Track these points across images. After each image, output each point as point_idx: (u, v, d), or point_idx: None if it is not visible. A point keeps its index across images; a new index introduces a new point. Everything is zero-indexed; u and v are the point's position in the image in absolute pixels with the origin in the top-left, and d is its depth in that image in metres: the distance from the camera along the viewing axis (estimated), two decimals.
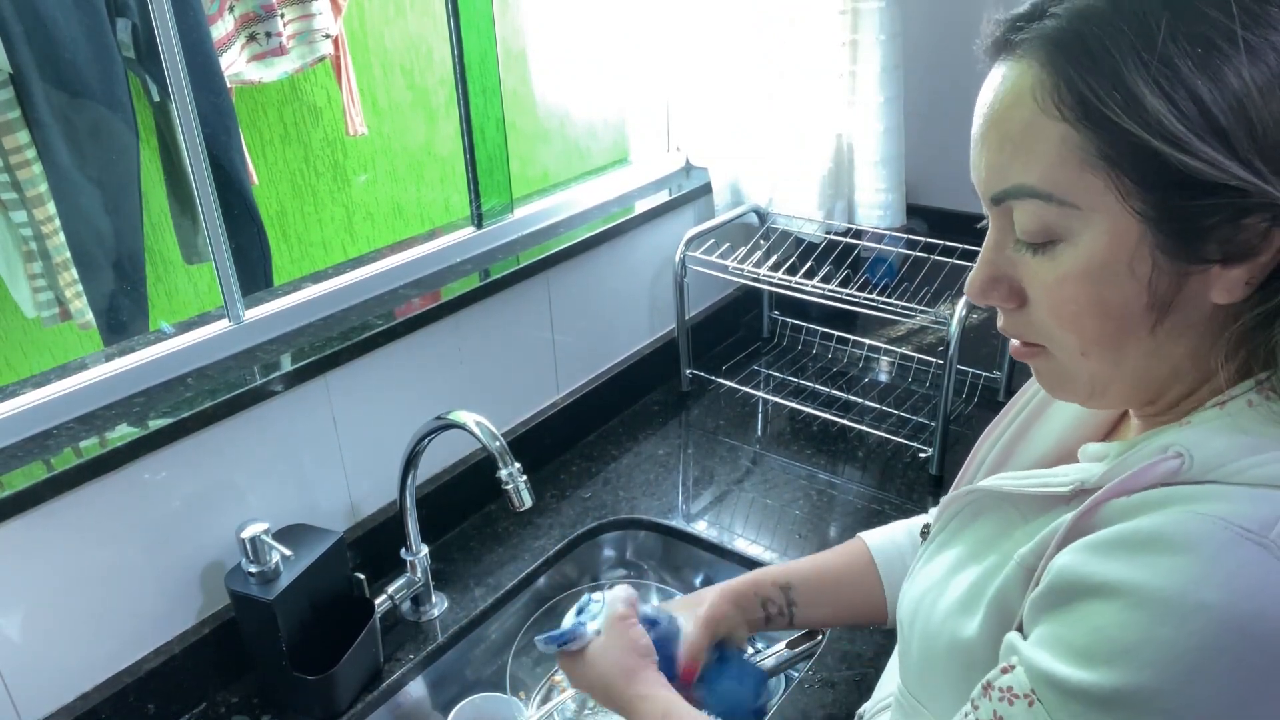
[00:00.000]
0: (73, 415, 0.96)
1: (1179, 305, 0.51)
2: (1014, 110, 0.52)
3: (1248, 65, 0.45)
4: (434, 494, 1.25)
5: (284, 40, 1.64)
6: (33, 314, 1.50)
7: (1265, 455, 0.48)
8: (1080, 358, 0.55)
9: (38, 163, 1.36)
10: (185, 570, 1.02)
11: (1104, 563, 0.48)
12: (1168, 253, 0.49)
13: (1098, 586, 0.48)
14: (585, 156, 2.25)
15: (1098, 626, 0.47)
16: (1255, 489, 0.47)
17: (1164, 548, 0.46)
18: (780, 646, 1.11)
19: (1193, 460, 0.49)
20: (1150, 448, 0.52)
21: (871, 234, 1.64)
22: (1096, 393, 0.57)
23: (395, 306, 1.20)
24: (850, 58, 1.49)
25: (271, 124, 1.85)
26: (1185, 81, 0.46)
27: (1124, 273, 0.50)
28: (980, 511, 0.66)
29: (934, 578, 0.67)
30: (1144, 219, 0.49)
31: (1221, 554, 0.44)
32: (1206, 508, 0.46)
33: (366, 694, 1.05)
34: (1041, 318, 0.55)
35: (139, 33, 1.43)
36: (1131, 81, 0.47)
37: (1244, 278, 0.49)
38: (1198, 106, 0.46)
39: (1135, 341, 0.53)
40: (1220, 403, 0.51)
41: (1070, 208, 0.51)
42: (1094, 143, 0.49)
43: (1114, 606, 0.46)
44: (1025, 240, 0.54)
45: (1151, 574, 0.45)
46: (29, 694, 0.91)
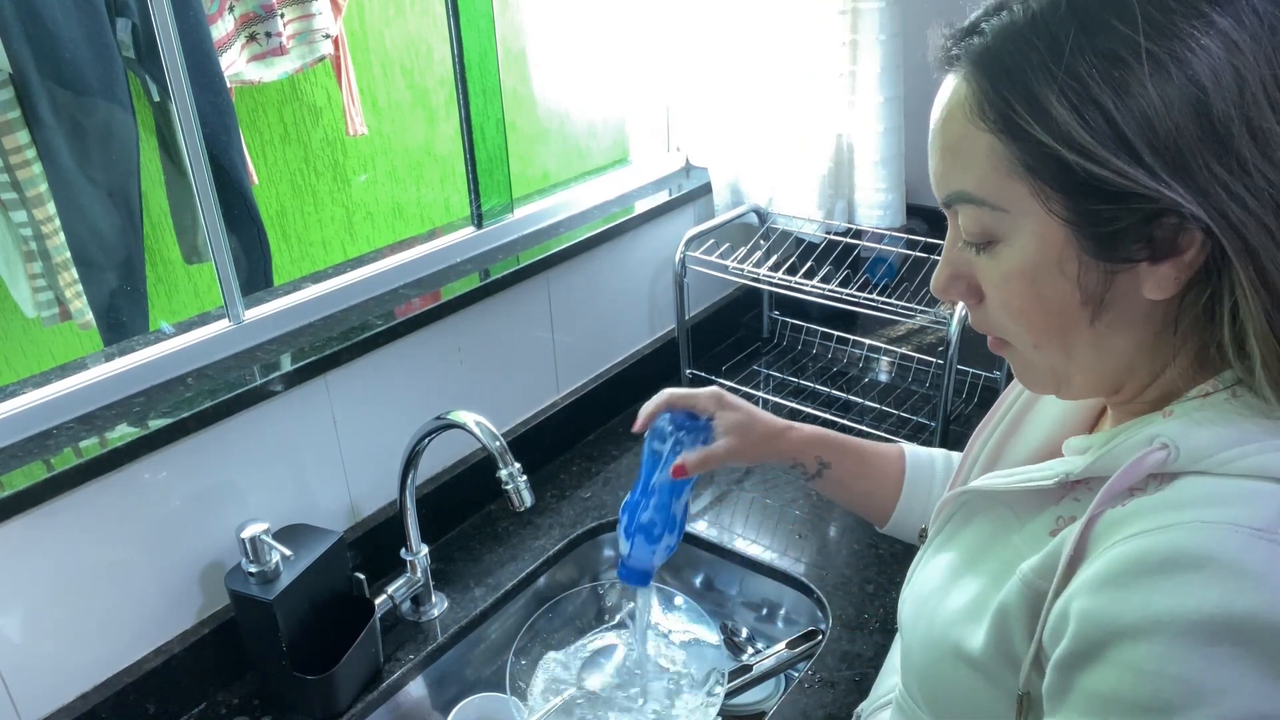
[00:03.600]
0: (73, 415, 0.96)
1: (1112, 301, 0.53)
2: (950, 121, 0.55)
3: (1151, 76, 0.47)
4: (434, 494, 1.25)
5: (284, 40, 1.64)
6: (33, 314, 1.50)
7: (1250, 446, 0.49)
8: (1035, 350, 0.58)
9: (38, 163, 1.36)
10: (185, 570, 1.02)
11: (1126, 599, 0.47)
12: (1091, 253, 0.51)
13: (1130, 627, 0.46)
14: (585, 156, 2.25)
15: (1151, 672, 0.45)
16: (1244, 481, 0.48)
17: (1182, 567, 0.45)
18: (780, 647, 1.11)
19: (1179, 451, 0.50)
20: (1135, 440, 0.53)
21: (871, 234, 1.64)
22: (1061, 384, 0.60)
23: (395, 306, 1.20)
24: (850, 58, 1.48)
25: (271, 124, 1.85)
26: (1092, 94, 0.48)
27: (1055, 271, 0.53)
28: (974, 512, 0.67)
29: (934, 582, 0.67)
30: (1066, 222, 0.51)
31: (1243, 559, 0.44)
32: (1206, 514, 0.47)
33: (366, 694, 1.05)
34: (996, 313, 0.58)
35: (139, 33, 1.43)
36: (1042, 95, 0.49)
37: (1173, 274, 0.50)
38: (1104, 117, 0.48)
39: (1078, 335, 0.55)
40: (1204, 394, 0.53)
41: (1002, 211, 0.54)
42: (1015, 152, 0.51)
43: (1158, 644, 0.45)
44: (969, 241, 0.57)
45: (1181, 598, 0.45)
46: (29, 694, 0.91)
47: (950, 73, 0.55)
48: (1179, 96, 0.47)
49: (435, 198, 2.19)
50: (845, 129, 1.55)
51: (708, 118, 1.65)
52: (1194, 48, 0.46)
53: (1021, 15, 0.51)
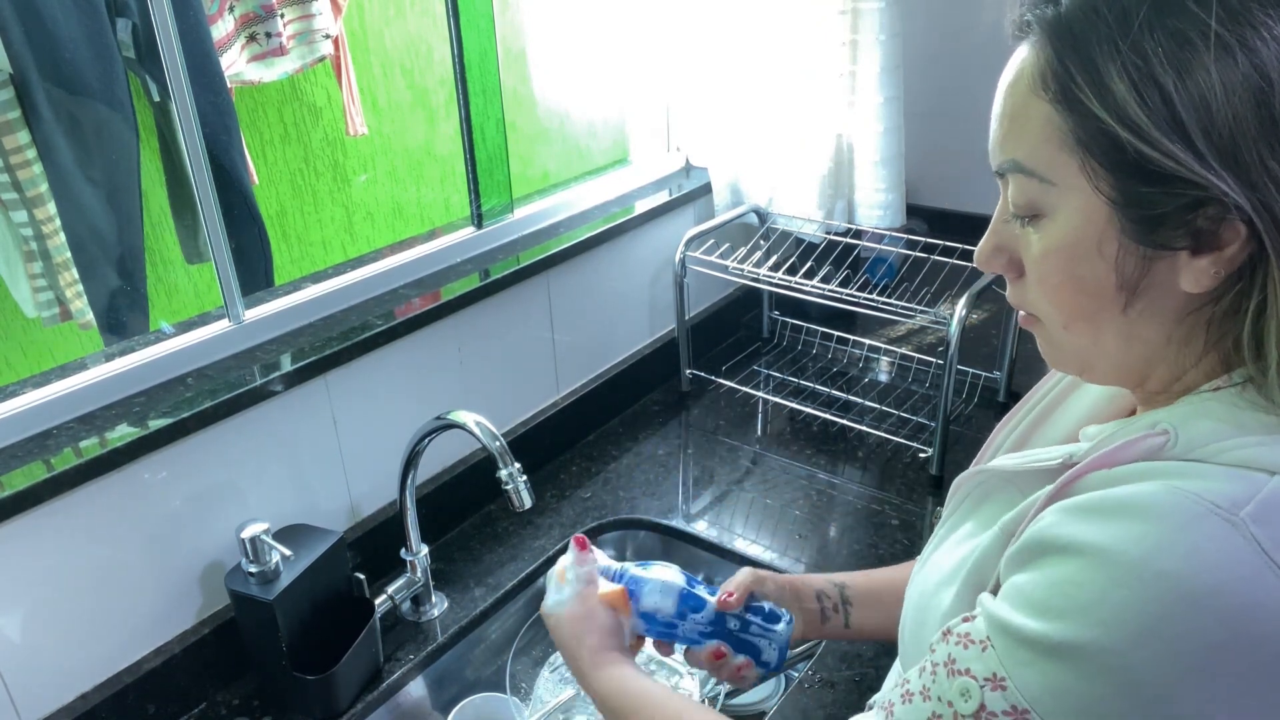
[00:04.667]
0: (73, 415, 0.96)
1: (1147, 289, 0.52)
2: (1015, 88, 0.54)
3: (1217, 62, 0.46)
4: (434, 494, 1.25)
5: (284, 40, 1.64)
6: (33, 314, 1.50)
7: (1248, 438, 0.49)
8: (1064, 331, 0.58)
9: (38, 163, 1.36)
10: (185, 570, 1.02)
11: (1074, 524, 0.49)
12: (1131, 236, 0.51)
13: (1065, 545, 0.49)
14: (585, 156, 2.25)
15: (1057, 581, 0.48)
16: (1233, 469, 0.48)
17: (1134, 514, 0.47)
18: None
19: (1177, 438, 0.51)
20: (1139, 424, 0.54)
21: (871, 234, 1.64)
22: (1085, 367, 0.60)
23: (395, 306, 1.20)
24: (850, 58, 1.49)
25: (271, 124, 1.85)
26: (1154, 73, 0.47)
27: (1094, 251, 0.53)
28: (988, 493, 0.67)
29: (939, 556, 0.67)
30: (1111, 202, 0.51)
31: (1188, 526, 0.45)
32: (1182, 482, 0.47)
33: (366, 694, 1.05)
34: (1034, 289, 0.58)
35: (139, 33, 1.43)
36: (1104, 69, 0.49)
37: (1210, 268, 0.50)
38: (1162, 98, 0.47)
39: (1109, 320, 0.55)
40: (1215, 388, 0.53)
41: (1049, 185, 0.53)
42: (1070, 124, 0.51)
43: (1076, 564, 0.48)
44: (1015, 213, 0.57)
45: (1117, 538, 0.47)
46: (29, 694, 0.91)
47: (1022, 41, 0.55)
48: (1242, 85, 0.46)
49: (435, 198, 2.19)
50: (845, 129, 1.55)
51: (708, 118, 1.64)
52: (1265, 37, 0.46)
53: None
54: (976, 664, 0.50)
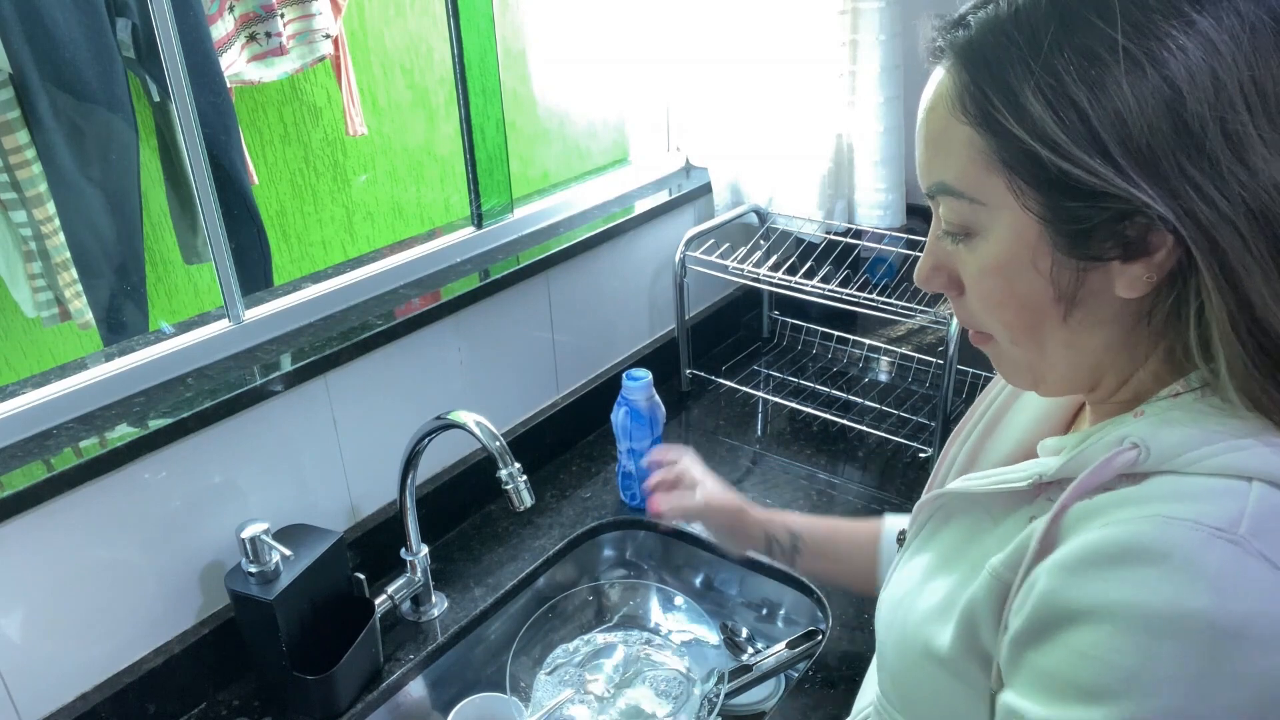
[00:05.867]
0: (73, 415, 0.96)
1: (1085, 299, 0.53)
2: (933, 113, 0.55)
3: (1127, 75, 0.47)
4: (434, 494, 1.25)
5: (284, 40, 1.64)
6: (33, 314, 1.50)
7: (1219, 445, 0.49)
8: (1012, 345, 0.58)
9: (38, 163, 1.36)
10: (185, 570, 1.02)
11: (1082, 585, 0.48)
12: (1063, 250, 0.52)
13: (1083, 612, 0.48)
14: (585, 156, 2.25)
15: (1093, 656, 0.47)
16: (1210, 480, 0.48)
17: (1140, 559, 0.46)
18: (780, 647, 1.11)
19: (1149, 451, 0.50)
20: (1107, 440, 0.53)
21: (871, 234, 1.64)
22: (1038, 379, 0.60)
23: (395, 306, 1.20)
24: (850, 58, 1.48)
25: (271, 124, 1.85)
26: (1068, 91, 0.48)
27: (1028, 267, 0.53)
28: (951, 515, 0.67)
29: (908, 584, 0.67)
30: (1040, 218, 0.51)
31: (1197, 558, 0.45)
32: (1170, 509, 0.47)
33: (366, 694, 1.05)
34: (975, 306, 0.58)
35: (139, 33, 1.43)
36: (1019, 90, 0.49)
37: (1143, 274, 0.50)
38: (1078, 115, 0.48)
39: (1052, 331, 0.55)
40: (1174, 394, 0.53)
41: (979, 205, 0.54)
42: (993, 146, 0.51)
43: (1105, 632, 0.46)
44: (949, 232, 0.57)
45: (1135, 590, 0.46)
46: (29, 694, 0.91)
47: (938, 64, 0.55)
48: (1153, 96, 0.46)
49: (435, 198, 2.19)
50: (845, 129, 1.55)
51: (708, 118, 1.64)
52: (1171, 48, 0.46)
53: (1005, 9, 0.51)
54: None
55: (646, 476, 1.28)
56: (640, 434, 1.28)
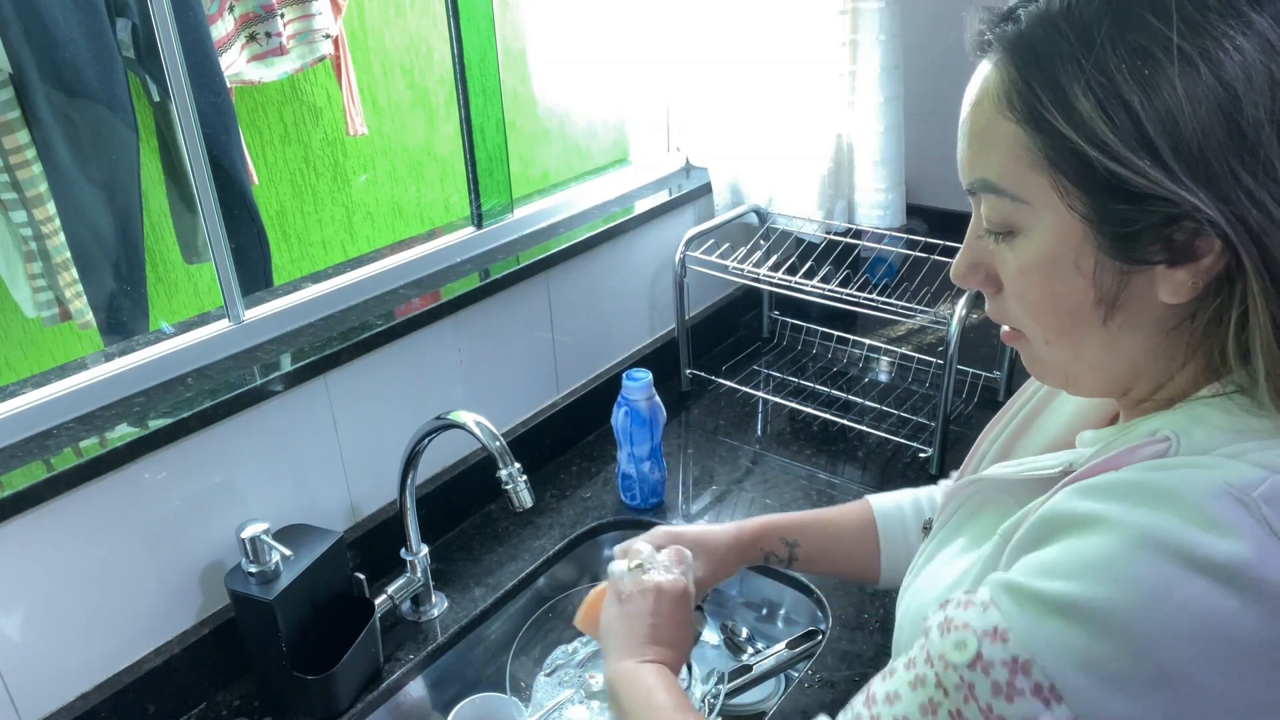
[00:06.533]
0: (73, 415, 0.96)
1: (1126, 302, 0.52)
2: (980, 108, 0.54)
3: (1181, 76, 0.46)
4: (434, 494, 1.25)
5: (284, 40, 1.64)
6: (33, 314, 1.50)
7: (1248, 443, 0.48)
8: (1046, 345, 0.58)
9: (38, 163, 1.36)
10: (185, 570, 1.02)
11: (1089, 501, 0.49)
12: (1107, 252, 0.51)
13: (1081, 518, 0.49)
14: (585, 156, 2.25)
15: (1070, 548, 0.48)
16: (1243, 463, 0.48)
17: (1151, 492, 0.47)
18: (780, 647, 1.11)
19: (1179, 444, 0.50)
20: (1140, 431, 0.53)
21: (871, 234, 1.64)
22: (1069, 380, 0.60)
23: (395, 306, 1.20)
24: (850, 58, 1.48)
25: (271, 124, 1.85)
26: (1119, 90, 0.47)
27: (1070, 268, 0.52)
28: (983, 503, 0.67)
29: (935, 570, 0.67)
30: (1085, 219, 0.51)
31: (1204, 501, 0.45)
32: (1190, 469, 0.48)
33: (366, 694, 1.05)
34: (1013, 305, 0.58)
35: (139, 33, 1.43)
36: (1069, 87, 0.48)
37: (1188, 280, 0.49)
38: (1129, 115, 0.47)
39: (1090, 334, 0.55)
40: (1211, 395, 0.52)
41: (1022, 203, 0.53)
42: (1038, 144, 0.51)
43: (1094, 534, 0.47)
44: (990, 230, 0.56)
45: (1134, 510, 0.47)
46: (29, 694, 0.91)
47: (984, 58, 0.54)
48: (1208, 97, 0.45)
49: (435, 198, 2.19)
50: (845, 129, 1.55)
51: (708, 118, 1.64)
52: (1228, 48, 0.45)
53: (1057, 4, 0.50)
54: (976, 620, 0.49)
55: (647, 477, 1.30)
56: (640, 434, 1.28)
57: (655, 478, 1.32)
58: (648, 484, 1.31)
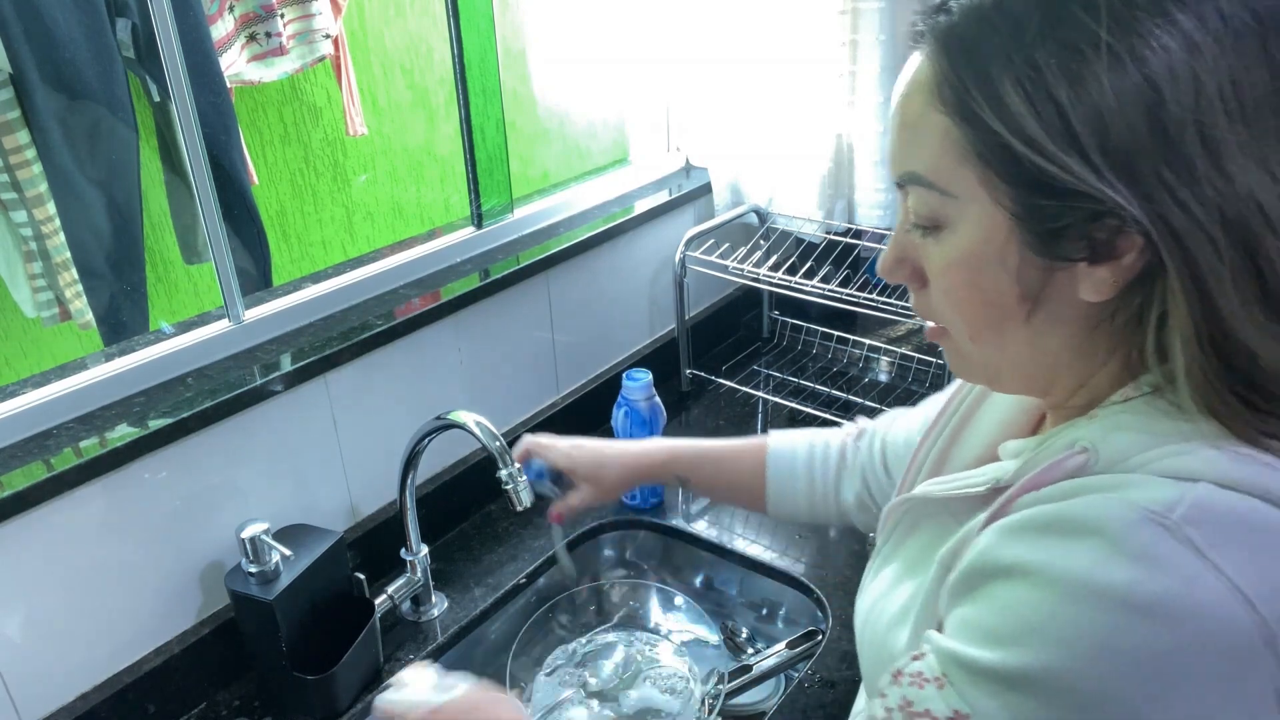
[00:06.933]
0: (73, 415, 0.96)
1: (1049, 299, 0.52)
2: (911, 99, 0.54)
3: (1109, 73, 0.46)
4: (434, 494, 1.25)
5: (284, 40, 1.64)
6: (33, 314, 1.50)
7: (1166, 449, 0.48)
8: (970, 342, 0.57)
9: (38, 163, 1.36)
10: (185, 570, 1.02)
11: (1014, 545, 0.49)
12: (1032, 248, 0.51)
13: (1008, 568, 0.48)
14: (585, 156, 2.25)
15: (1004, 606, 0.48)
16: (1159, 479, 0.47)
17: (1072, 530, 0.47)
18: (780, 647, 1.11)
19: (1098, 455, 0.50)
20: (1059, 443, 0.53)
21: (871, 234, 1.64)
22: (993, 377, 0.60)
23: (395, 306, 1.20)
24: (850, 58, 1.48)
25: (271, 124, 1.85)
26: (1047, 85, 0.47)
27: (996, 263, 0.52)
28: (918, 520, 0.67)
29: (879, 592, 0.67)
30: (1011, 215, 0.50)
31: (1126, 535, 0.45)
32: (1110, 492, 0.47)
33: (366, 694, 1.05)
34: (938, 300, 0.57)
35: (139, 33, 1.43)
36: (999, 81, 0.48)
37: (1110, 278, 0.49)
38: (1057, 111, 0.47)
39: (1013, 330, 0.54)
40: (1126, 398, 0.52)
41: (950, 197, 0.53)
42: (968, 138, 0.50)
43: (1022, 586, 0.47)
44: (917, 224, 0.56)
45: (1058, 555, 0.46)
46: (29, 694, 0.91)
47: (917, 49, 0.54)
48: (1134, 95, 0.45)
49: (435, 198, 2.19)
50: (845, 129, 1.55)
51: (708, 117, 1.64)
52: (1154, 46, 0.45)
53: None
54: (936, 703, 0.49)
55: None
56: (640, 435, 1.28)
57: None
58: (647, 484, 1.31)
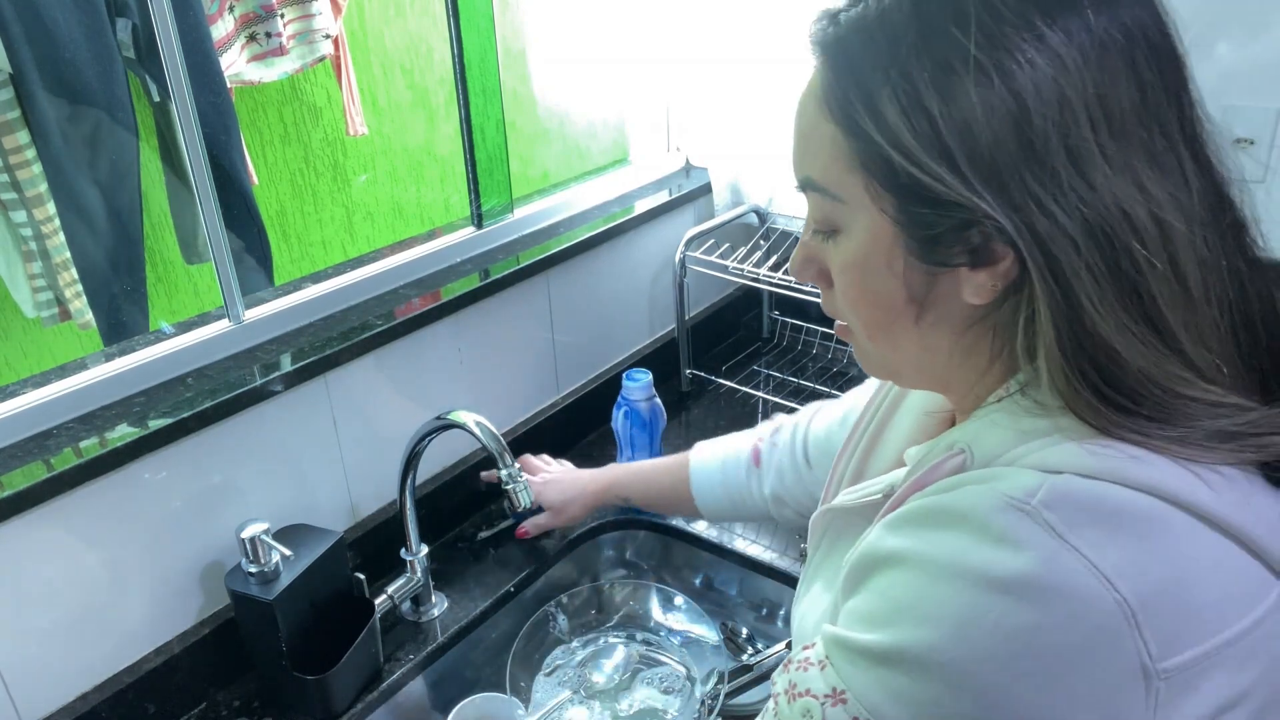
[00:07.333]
0: (73, 415, 0.96)
1: (935, 302, 0.54)
2: (806, 106, 0.56)
3: (976, 86, 0.47)
4: (434, 494, 1.25)
5: (284, 40, 1.64)
6: (33, 314, 1.50)
7: (1032, 444, 0.50)
8: (868, 340, 0.60)
9: (38, 163, 1.36)
10: (185, 570, 1.02)
11: (894, 536, 0.51)
12: (915, 254, 0.53)
13: (885, 557, 0.51)
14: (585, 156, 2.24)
15: (882, 591, 0.51)
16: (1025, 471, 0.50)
17: (943, 519, 0.49)
18: (780, 647, 1.11)
19: (973, 456, 0.53)
20: (941, 445, 0.56)
21: None
22: (893, 374, 0.63)
23: (395, 306, 1.20)
24: None
25: (271, 124, 1.85)
26: (921, 98, 0.48)
27: (884, 267, 0.54)
28: (840, 531, 0.69)
29: (809, 601, 0.69)
30: (894, 221, 0.52)
31: (988, 518, 0.47)
32: (979, 485, 0.50)
33: (366, 694, 1.05)
34: (839, 300, 0.60)
35: (139, 33, 1.43)
36: (878, 93, 0.50)
37: (988, 282, 0.51)
38: (929, 123, 0.48)
39: (904, 331, 0.57)
40: (1000, 398, 0.55)
41: (841, 203, 0.55)
42: (853, 146, 0.52)
43: (897, 571, 0.50)
44: (817, 228, 0.58)
45: (932, 541, 0.49)
46: (29, 694, 0.91)
47: (815, 57, 0.55)
48: (1000, 108, 0.47)
49: (435, 198, 2.19)
50: None
51: (708, 117, 1.65)
52: (1020, 60, 0.47)
53: (873, 10, 0.51)
54: (816, 683, 0.52)
55: None
56: (640, 436, 1.28)
57: None
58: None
